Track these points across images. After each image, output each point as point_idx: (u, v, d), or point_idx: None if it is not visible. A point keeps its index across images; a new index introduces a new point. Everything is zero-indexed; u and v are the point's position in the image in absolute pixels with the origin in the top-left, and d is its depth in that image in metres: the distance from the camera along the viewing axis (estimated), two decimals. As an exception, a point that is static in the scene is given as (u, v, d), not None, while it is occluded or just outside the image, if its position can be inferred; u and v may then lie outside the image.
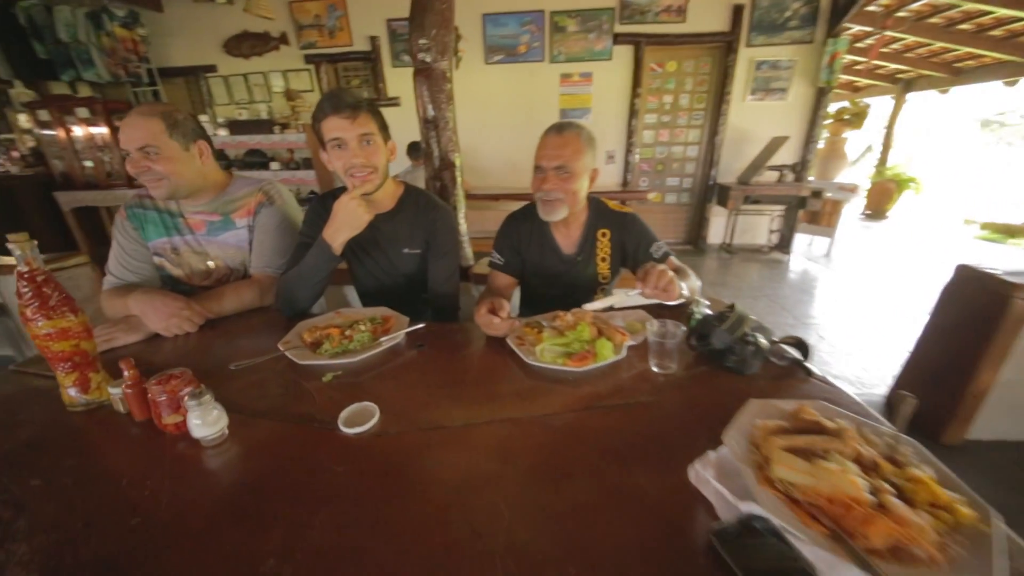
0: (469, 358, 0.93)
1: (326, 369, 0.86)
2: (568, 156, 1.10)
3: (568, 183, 1.12)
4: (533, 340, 0.92)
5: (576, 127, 1.13)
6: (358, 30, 4.59)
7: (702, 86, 4.56)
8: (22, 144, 5.09)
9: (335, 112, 1.03)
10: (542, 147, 1.14)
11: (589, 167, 1.15)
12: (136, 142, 1.09)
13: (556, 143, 1.12)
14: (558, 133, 1.12)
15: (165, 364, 0.96)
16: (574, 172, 1.12)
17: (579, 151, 1.11)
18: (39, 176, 4.85)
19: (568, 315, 0.95)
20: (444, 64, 1.46)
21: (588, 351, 0.83)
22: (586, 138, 1.13)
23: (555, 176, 1.13)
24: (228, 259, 1.32)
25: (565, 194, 1.14)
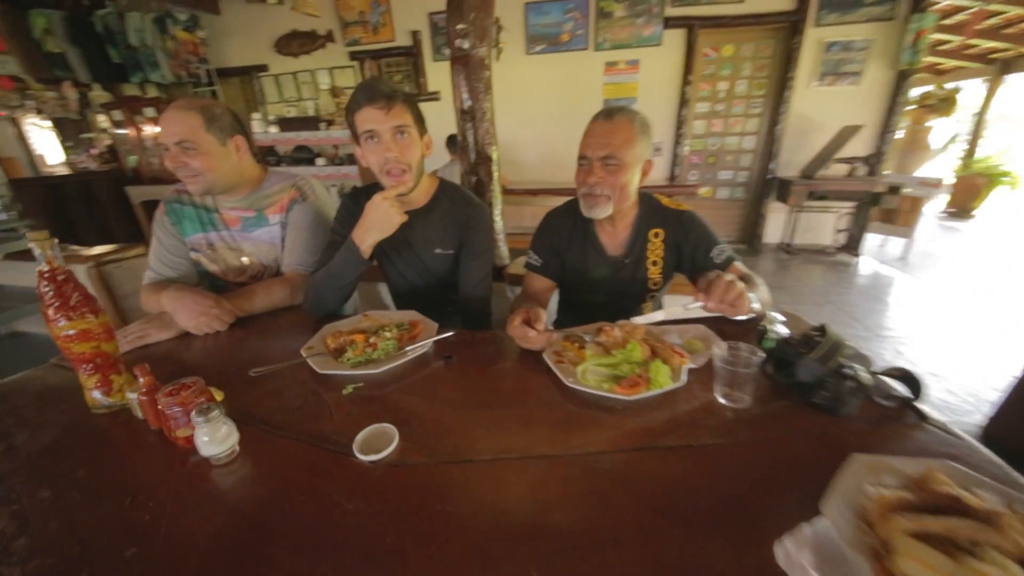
0: (501, 374, 0.83)
1: (347, 380, 0.80)
2: (617, 145, 0.98)
3: (616, 176, 1.00)
4: (574, 357, 0.81)
5: (629, 113, 1.00)
6: (400, 25, 4.60)
7: (762, 71, 4.20)
8: (100, 142, 5.56)
9: (369, 102, 0.97)
10: (588, 134, 1.02)
11: (641, 158, 1.01)
12: (174, 136, 1.08)
13: (604, 130, 0.99)
14: (607, 119, 1.00)
15: (193, 362, 0.94)
16: (623, 163, 0.99)
17: (630, 139, 0.98)
18: (113, 171, 5.27)
19: (615, 329, 0.83)
20: (483, 51, 1.36)
21: (640, 376, 0.71)
22: (640, 125, 0.99)
23: (601, 167, 1.00)
24: (262, 256, 1.30)
25: (612, 189, 1.01)
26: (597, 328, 0.92)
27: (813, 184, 4.01)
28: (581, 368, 0.75)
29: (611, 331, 0.83)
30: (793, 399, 0.69)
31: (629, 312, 1.20)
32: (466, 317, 1.26)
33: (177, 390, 0.65)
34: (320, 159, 5.01)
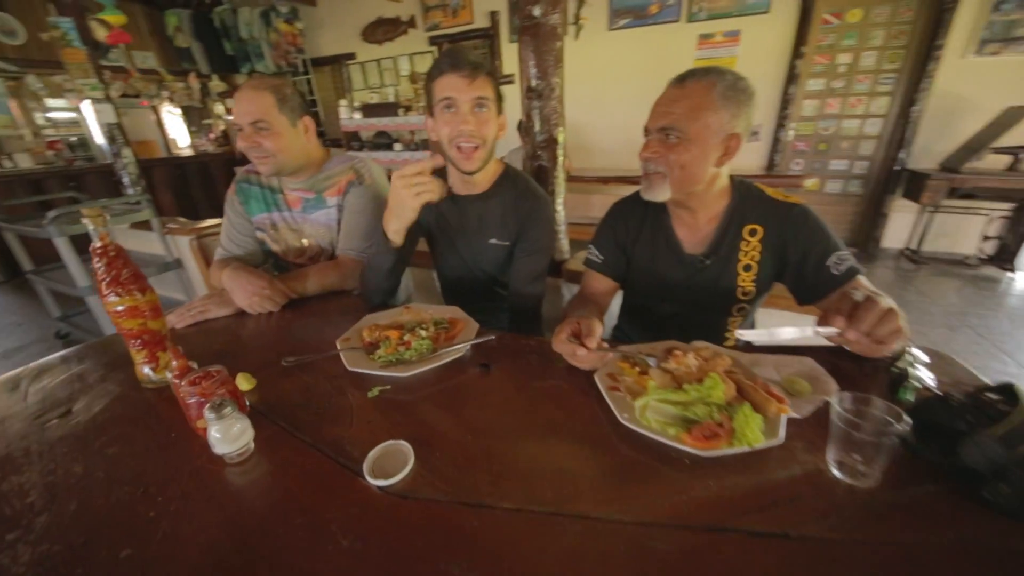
0: (541, 395, 0.71)
1: (374, 381, 0.73)
2: (680, 114, 0.80)
3: (674, 151, 0.82)
4: (633, 385, 0.67)
5: (711, 74, 0.80)
6: (480, 6, 4.53)
7: (898, 39, 3.47)
8: (216, 127, 6.28)
9: (453, 69, 0.92)
10: (656, 101, 0.86)
11: (718, 131, 0.81)
12: (248, 116, 1.09)
13: (670, 96, 0.83)
14: (679, 83, 0.83)
15: (241, 341, 0.95)
16: (686, 136, 0.81)
17: (702, 107, 0.79)
18: (226, 154, 5.95)
19: (689, 355, 0.67)
20: (555, 18, 1.21)
21: (720, 424, 0.55)
22: (724, 90, 0.79)
23: (657, 141, 0.84)
24: (320, 238, 1.31)
25: (667, 166, 0.84)
26: (666, 349, 0.76)
27: (958, 179, 3.27)
28: (641, 402, 0.61)
29: (683, 356, 0.66)
30: (947, 484, 0.48)
31: (709, 329, 1.02)
32: (514, 316, 1.16)
33: (200, 379, 0.63)
34: (397, 144, 5.19)
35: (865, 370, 0.74)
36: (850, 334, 0.62)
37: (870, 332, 0.61)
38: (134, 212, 2.67)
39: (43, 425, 0.69)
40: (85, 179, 4.53)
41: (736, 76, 0.80)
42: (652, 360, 0.69)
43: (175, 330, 1.00)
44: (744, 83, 0.81)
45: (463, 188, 1.11)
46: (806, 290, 0.88)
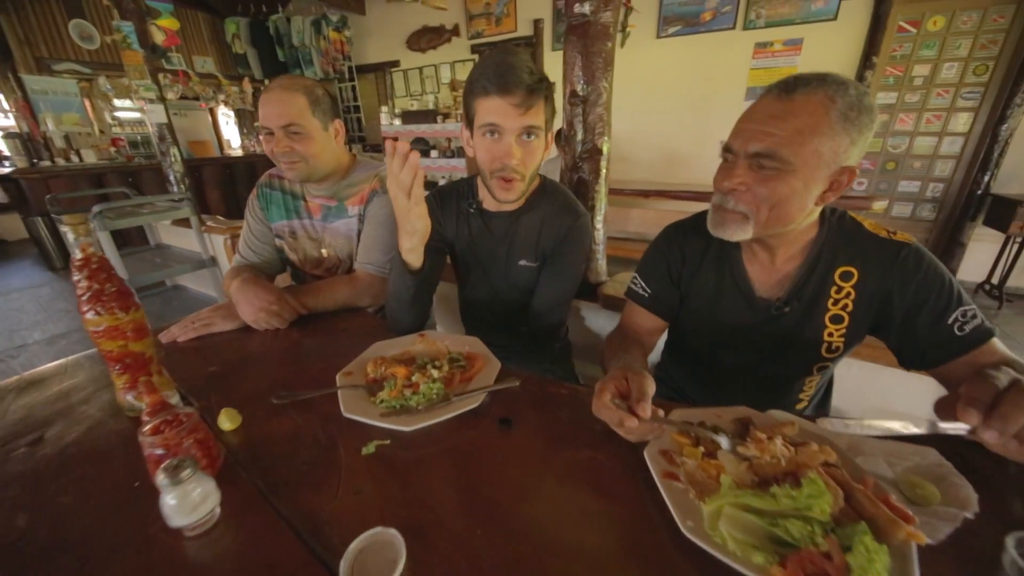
0: (574, 469, 0.56)
1: (373, 433, 0.61)
2: (784, 137, 0.61)
3: (769, 185, 0.63)
4: (696, 472, 0.51)
5: (827, 85, 0.61)
6: (524, 14, 4.47)
7: (988, 50, 3.11)
8: (264, 130, 6.53)
9: (502, 93, 0.78)
10: (746, 115, 0.67)
11: (830, 163, 0.62)
12: (281, 119, 1.02)
13: (772, 110, 0.63)
14: (785, 93, 0.62)
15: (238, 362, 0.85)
16: (787, 167, 0.61)
17: (812, 130, 0.60)
18: (271, 155, 6.16)
19: (776, 439, 0.51)
20: (607, 16, 1.08)
21: (827, 557, 0.39)
22: (844, 109, 0.60)
23: (747, 168, 0.65)
24: (338, 249, 1.22)
25: (754, 205, 0.65)
26: (737, 420, 0.60)
27: (1057, 207, 2.86)
28: (712, 506, 0.45)
29: (768, 442, 0.50)
30: None
31: (779, 389, 0.84)
32: (532, 337, 1.06)
33: (164, 425, 0.53)
34: (434, 151, 5.19)
35: (1008, 470, 0.55)
36: (989, 435, 0.46)
37: (1020, 435, 0.44)
38: (176, 209, 2.74)
39: (8, 454, 0.62)
40: (141, 175, 4.78)
41: (859, 90, 0.61)
42: (724, 439, 0.53)
43: (177, 343, 0.93)
44: (868, 100, 0.61)
45: (494, 203, 0.99)
46: (917, 354, 0.70)
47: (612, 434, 0.59)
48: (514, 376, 0.73)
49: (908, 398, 1.07)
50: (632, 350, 0.78)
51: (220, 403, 0.70)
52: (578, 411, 0.67)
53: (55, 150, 4.56)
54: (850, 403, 1.07)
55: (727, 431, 0.58)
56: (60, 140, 4.58)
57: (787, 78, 0.64)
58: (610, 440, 0.59)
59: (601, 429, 0.61)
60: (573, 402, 0.69)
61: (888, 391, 1.07)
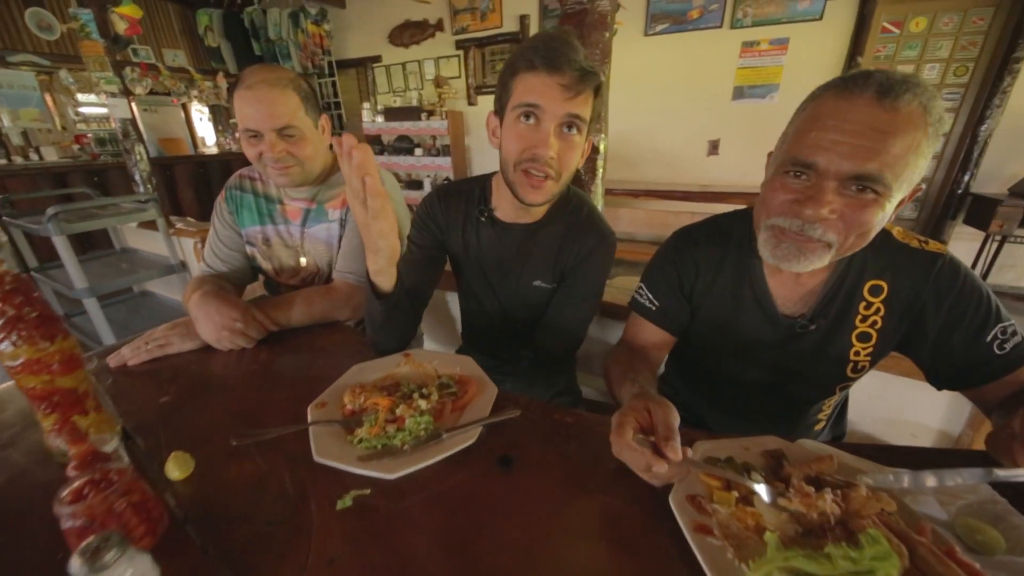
0: (588, 519, 0.49)
1: (350, 481, 0.52)
2: (896, 156, 0.50)
3: (866, 213, 0.53)
4: (730, 522, 0.44)
5: (922, 93, 0.50)
6: (509, 10, 4.37)
7: (967, 51, 3.16)
8: (240, 127, 6.29)
9: (551, 69, 0.68)
10: (830, 120, 0.53)
11: (915, 181, 0.55)
12: (274, 120, 0.90)
13: (876, 121, 0.50)
14: (889, 100, 0.50)
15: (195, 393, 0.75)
16: (890, 192, 0.52)
17: (918, 148, 0.51)
18: (248, 153, 5.93)
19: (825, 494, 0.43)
20: (605, 4, 1.00)
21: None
22: (937, 120, 0.51)
23: (839, 193, 0.54)
24: (317, 256, 1.12)
25: (845, 234, 0.55)
26: (768, 454, 0.53)
27: (1035, 206, 2.92)
28: (761, 573, 0.38)
29: (815, 496, 0.43)
30: None
31: (798, 409, 0.78)
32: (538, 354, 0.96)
33: (88, 487, 0.43)
34: (418, 149, 5.07)
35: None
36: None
37: None
38: (142, 211, 2.57)
39: (-97, 516, 0.51)
40: (108, 174, 4.53)
41: (941, 100, 0.52)
42: (763, 489, 0.46)
43: (127, 367, 0.82)
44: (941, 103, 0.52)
45: (511, 213, 0.89)
46: (953, 373, 0.64)
47: (628, 472, 0.52)
48: (513, 403, 0.65)
49: (920, 408, 1.03)
50: (642, 371, 0.70)
51: (171, 442, 0.60)
52: (587, 442, 0.59)
53: (12, 148, 4.28)
54: (861, 415, 1.02)
55: (758, 468, 0.51)
56: (17, 137, 4.30)
57: (877, 76, 0.52)
58: (626, 480, 0.52)
59: (615, 466, 0.53)
60: (581, 431, 0.61)
61: (899, 401, 1.02)
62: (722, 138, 3.87)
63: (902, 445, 0.62)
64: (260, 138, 0.92)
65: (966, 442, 1.00)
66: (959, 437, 1.02)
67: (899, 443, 1.09)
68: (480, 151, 5.13)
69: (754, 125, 3.68)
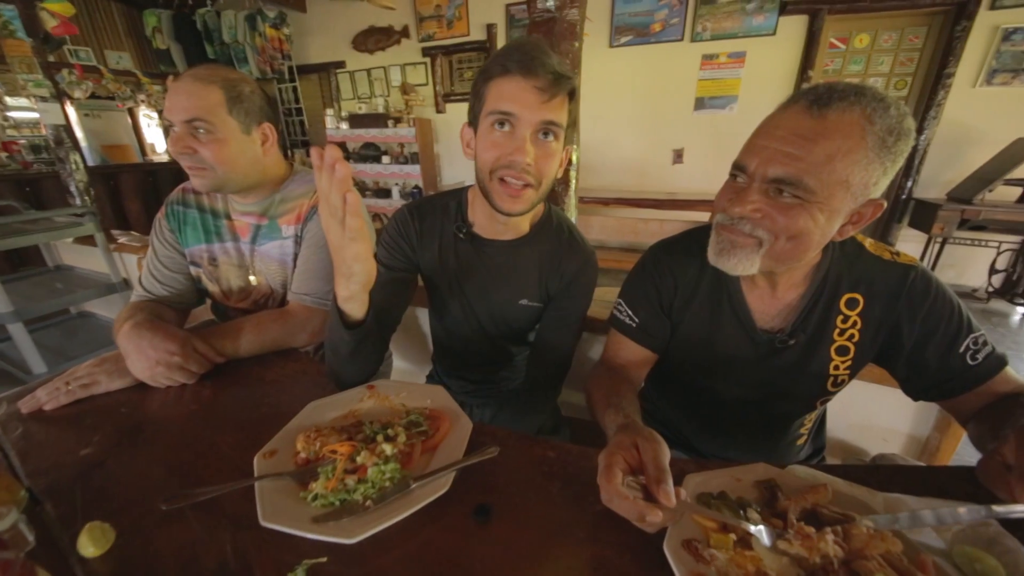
0: (574, 572, 0.44)
1: (303, 547, 0.45)
2: (813, 163, 0.51)
3: (787, 215, 0.54)
4: (729, 570, 0.40)
5: (865, 100, 0.51)
6: (476, 18, 4.37)
7: (905, 66, 3.40)
8: (194, 134, 5.96)
9: (525, 73, 0.65)
10: (765, 129, 0.57)
11: (858, 194, 0.54)
12: (183, 113, 0.83)
13: (801, 128, 0.52)
14: (817, 108, 0.52)
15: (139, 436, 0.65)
16: (812, 197, 0.53)
17: (845, 155, 0.51)
18: (202, 162, 5.62)
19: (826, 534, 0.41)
20: (573, 14, 0.98)
21: None
22: (882, 133, 0.51)
23: (763, 194, 0.56)
24: (270, 276, 1.03)
25: (773, 233, 0.56)
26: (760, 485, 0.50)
27: (969, 210, 3.15)
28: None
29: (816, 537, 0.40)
30: None
31: (780, 424, 0.77)
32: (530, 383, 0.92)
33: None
34: (386, 156, 4.95)
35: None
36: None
37: None
38: (78, 225, 2.35)
39: None
40: (42, 185, 4.17)
41: (900, 110, 0.52)
42: (762, 532, 0.42)
43: (43, 412, 0.71)
44: (909, 123, 0.52)
45: (490, 229, 0.84)
46: (927, 384, 0.64)
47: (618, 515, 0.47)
48: (490, 438, 0.59)
49: (889, 413, 1.05)
50: (625, 395, 0.66)
51: (88, 507, 0.51)
52: (572, 481, 0.54)
53: (-75, 155, 3.86)
54: (835, 421, 1.03)
55: (753, 504, 0.48)
56: (-68, 144, 3.88)
57: (819, 86, 0.53)
58: (617, 525, 0.47)
59: (604, 508, 0.49)
60: (567, 469, 0.57)
61: (870, 407, 1.04)
62: (686, 147, 3.99)
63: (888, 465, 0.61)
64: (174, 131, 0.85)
65: (933, 444, 1.02)
66: (927, 440, 1.04)
67: (872, 448, 1.11)
68: (450, 159, 5.07)
69: (716, 134, 3.81)
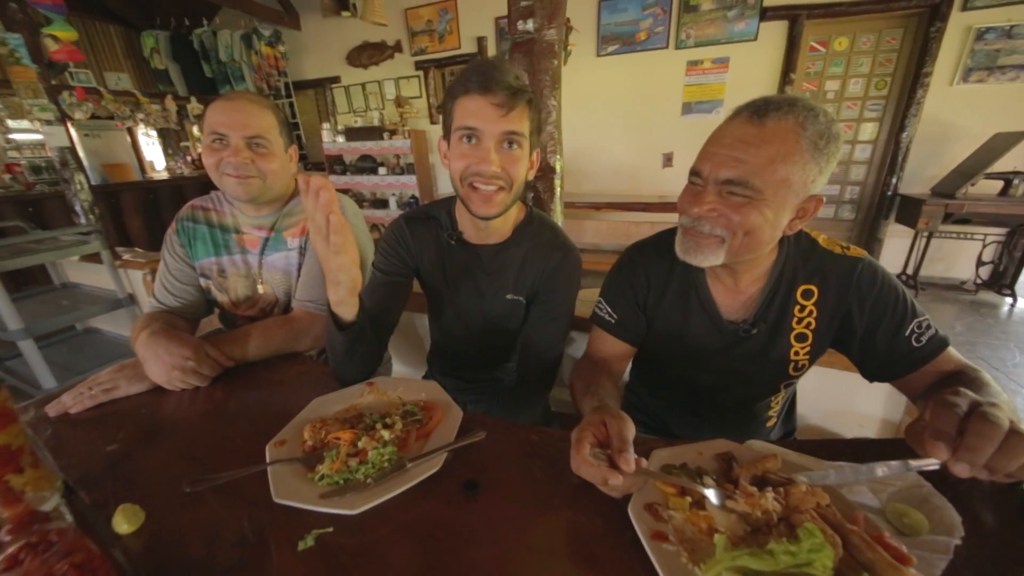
0: (553, 537, 0.50)
1: (311, 520, 0.51)
2: (757, 165, 0.59)
3: (739, 213, 0.62)
4: (685, 526, 0.46)
5: (798, 110, 0.59)
6: (467, 32, 4.48)
7: (885, 67, 3.49)
8: (193, 150, 6.07)
9: (483, 91, 0.73)
10: (715, 138, 0.65)
11: (799, 191, 0.62)
12: (247, 129, 0.93)
13: (743, 136, 0.60)
14: (757, 118, 0.60)
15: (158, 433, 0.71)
16: (759, 195, 0.60)
17: (784, 158, 0.58)
18: (201, 177, 5.71)
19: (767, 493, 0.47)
20: (552, 34, 1.06)
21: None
22: (814, 137, 0.59)
23: (719, 196, 0.63)
24: (275, 285, 1.10)
25: (729, 229, 0.63)
26: (719, 457, 0.56)
27: (952, 204, 3.23)
28: (711, 573, 0.40)
29: (758, 496, 0.46)
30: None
31: (749, 407, 0.83)
32: (521, 383, 0.98)
33: (25, 552, 0.40)
34: (382, 168, 5.04)
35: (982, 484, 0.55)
36: (959, 469, 0.45)
37: (991, 466, 0.44)
38: (84, 244, 2.42)
39: None
40: (44, 205, 4.23)
41: (828, 117, 0.60)
42: (712, 493, 0.48)
43: (69, 415, 0.77)
44: (837, 128, 0.61)
45: (476, 235, 0.91)
46: (878, 366, 0.70)
47: (590, 486, 0.53)
48: (479, 424, 0.65)
49: (864, 400, 1.10)
50: (604, 383, 0.73)
51: (119, 493, 0.57)
52: (553, 462, 0.60)
53: (-70, 179, 3.94)
54: (811, 409, 1.09)
55: (710, 471, 0.54)
56: (-63, 168, 3.96)
57: (757, 101, 0.62)
58: (589, 495, 0.53)
59: (579, 482, 0.55)
60: (547, 450, 0.63)
61: (845, 395, 1.10)
62: (675, 151, 4.07)
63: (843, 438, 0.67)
64: (225, 144, 0.93)
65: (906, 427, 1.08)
66: (900, 423, 1.10)
67: (848, 433, 1.17)
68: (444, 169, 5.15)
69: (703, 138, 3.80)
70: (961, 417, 0.46)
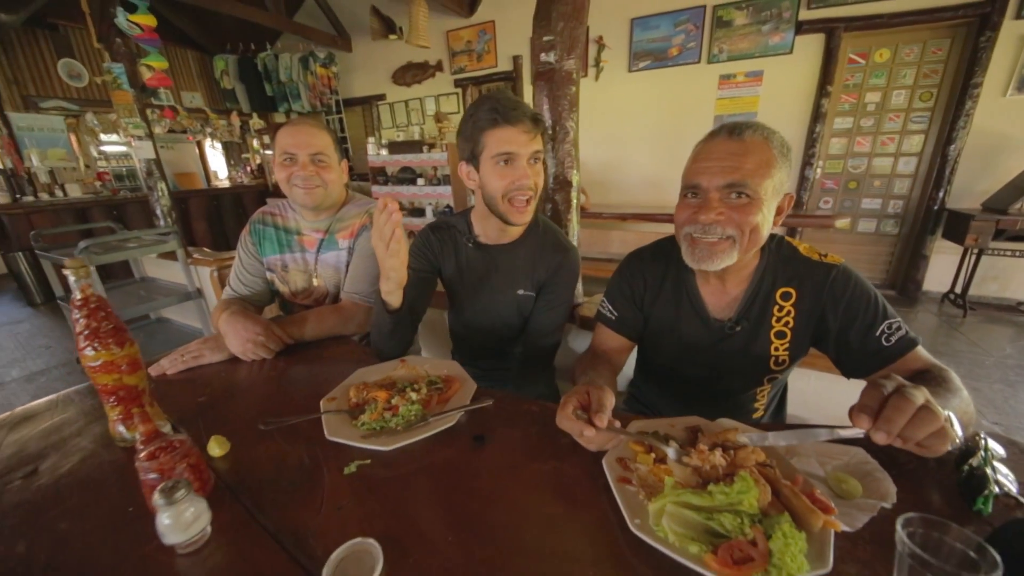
0: (540, 480, 0.62)
1: (354, 453, 0.66)
2: (750, 170, 0.70)
3: (746, 213, 0.71)
4: (647, 476, 0.57)
5: (762, 130, 0.73)
6: (503, 51, 4.71)
7: (930, 78, 3.38)
8: (252, 161, 6.64)
9: (512, 123, 0.89)
10: (703, 156, 0.75)
11: (779, 190, 0.74)
12: (311, 148, 1.14)
13: (730, 150, 0.71)
14: (734, 136, 0.72)
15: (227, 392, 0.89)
16: (757, 196, 0.71)
17: (768, 164, 0.71)
18: (259, 186, 6.24)
19: (716, 451, 0.57)
20: (570, 64, 1.20)
21: (754, 544, 0.45)
22: (779, 146, 0.72)
23: (722, 201, 0.73)
24: (327, 279, 1.28)
25: (739, 230, 0.72)
26: (689, 428, 0.66)
27: (1005, 220, 3.06)
28: (657, 505, 0.51)
29: (709, 453, 0.57)
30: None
31: (737, 398, 0.91)
32: (525, 360, 1.13)
33: (159, 451, 0.57)
34: (421, 179, 5.33)
35: (928, 465, 0.62)
36: (877, 437, 0.51)
37: (906, 436, 0.51)
38: (163, 243, 2.77)
39: (4, 486, 0.64)
40: (126, 208, 4.80)
41: (778, 132, 0.74)
42: (671, 450, 0.59)
43: (166, 376, 0.97)
44: (783, 138, 0.74)
45: (494, 237, 1.08)
46: (852, 364, 0.78)
47: (576, 446, 0.65)
48: (488, 396, 0.78)
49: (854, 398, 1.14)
50: (601, 369, 0.84)
51: (209, 431, 0.74)
52: (548, 426, 0.72)
53: (39, 185, 4.57)
54: (807, 410, 1.14)
55: (678, 439, 0.64)
56: (44, 175, 4.59)
57: (727, 125, 0.74)
58: (574, 452, 0.65)
59: (567, 442, 0.67)
60: (543, 418, 0.75)
61: (839, 398, 1.14)
62: (706, 163, 4.08)
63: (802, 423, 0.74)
64: (294, 161, 1.14)
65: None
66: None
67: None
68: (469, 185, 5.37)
69: None
70: (885, 396, 0.54)
